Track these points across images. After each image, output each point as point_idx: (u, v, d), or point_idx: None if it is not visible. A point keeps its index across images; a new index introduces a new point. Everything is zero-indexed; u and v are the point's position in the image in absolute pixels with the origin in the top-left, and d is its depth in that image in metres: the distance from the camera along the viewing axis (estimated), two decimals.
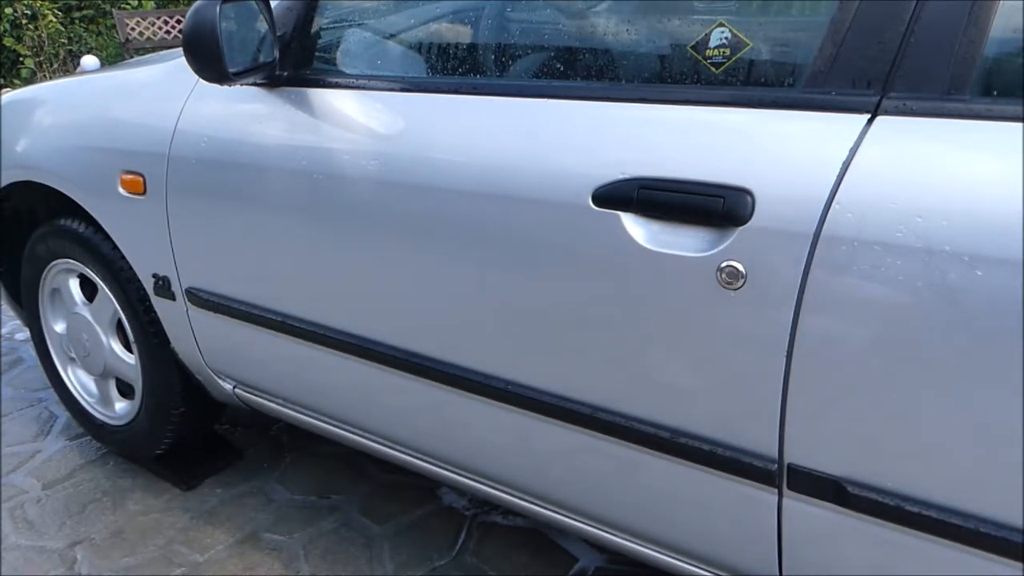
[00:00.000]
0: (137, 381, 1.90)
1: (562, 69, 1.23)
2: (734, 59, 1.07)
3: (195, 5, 1.27)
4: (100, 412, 2.05)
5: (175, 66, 1.60)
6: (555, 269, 1.10)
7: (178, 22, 6.48)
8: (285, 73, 1.41)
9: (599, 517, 1.24)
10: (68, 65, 7.19)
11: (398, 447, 1.48)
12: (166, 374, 1.83)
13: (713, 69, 1.08)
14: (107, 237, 1.75)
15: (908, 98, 0.90)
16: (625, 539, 1.23)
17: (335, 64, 1.47)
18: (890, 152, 0.89)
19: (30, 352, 2.66)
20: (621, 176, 1.03)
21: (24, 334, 2.84)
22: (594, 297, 1.08)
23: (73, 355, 2.05)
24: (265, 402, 1.68)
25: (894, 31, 0.91)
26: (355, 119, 1.29)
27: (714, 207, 0.96)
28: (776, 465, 1.00)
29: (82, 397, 2.08)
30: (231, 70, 1.29)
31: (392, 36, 1.61)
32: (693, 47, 1.11)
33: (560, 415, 1.17)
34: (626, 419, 1.11)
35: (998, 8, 0.88)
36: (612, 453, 1.16)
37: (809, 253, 0.91)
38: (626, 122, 1.06)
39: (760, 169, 0.94)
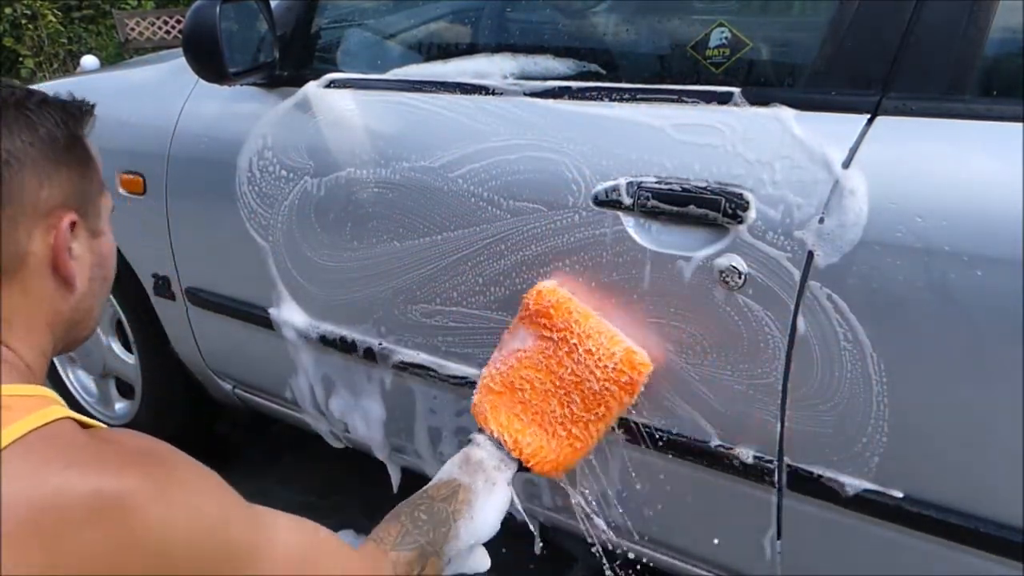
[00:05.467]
0: (137, 381, 1.90)
1: (561, 69, 1.23)
2: (734, 59, 1.07)
3: (195, 5, 1.27)
4: (100, 412, 2.05)
5: (175, 66, 1.60)
6: (556, 268, 1.10)
7: (178, 22, 6.48)
8: (285, 73, 1.41)
9: (599, 517, 1.24)
10: (68, 65, 7.19)
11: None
12: (166, 374, 1.83)
13: (713, 69, 1.08)
14: None
15: (908, 98, 0.90)
16: (624, 539, 1.23)
17: (335, 64, 1.47)
18: (890, 152, 0.89)
19: None
20: (621, 176, 1.03)
21: None
22: (594, 296, 1.08)
23: (73, 355, 2.05)
24: (265, 402, 1.68)
25: (894, 31, 0.91)
26: (356, 119, 1.29)
27: (714, 207, 0.96)
28: (776, 465, 1.00)
29: (82, 397, 2.08)
30: (231, 70, 1.29)
31: (392, 36, 1.61)
32: (693, 47, 1.11)
33: None
34: (623, 418, 1.11)
35: (998, 8, 0.88)
36: (609, 453, 1.16)
37: (809, 253, 0.91)
38: (625, 122, 1.06)
39: (760, 169, 0.94)
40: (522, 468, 1.08)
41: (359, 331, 1.37)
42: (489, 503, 1.04)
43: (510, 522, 1.42)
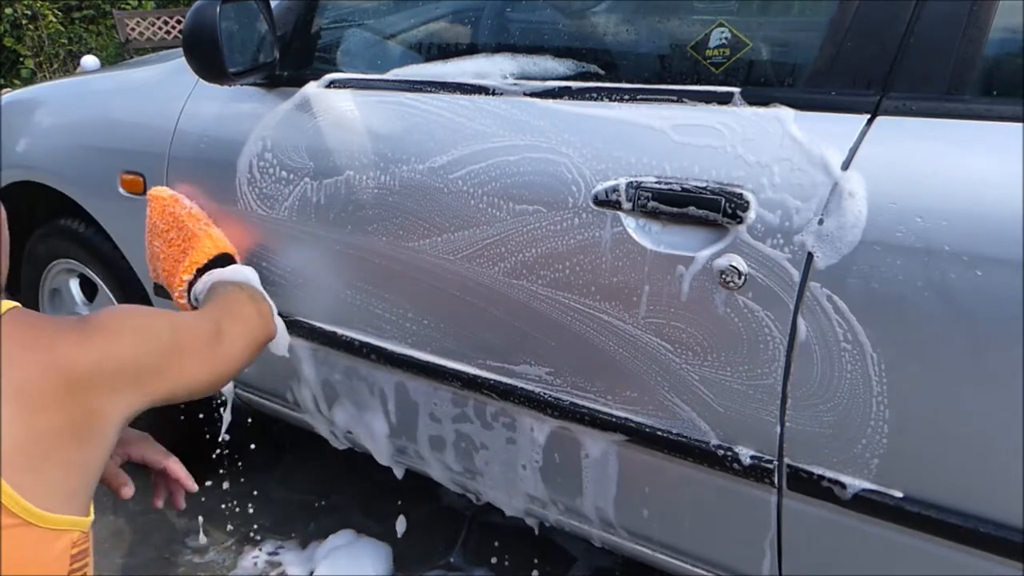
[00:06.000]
0: None
1: (560, 70, 1.23)
2: (734, 59, 1.07)
3: (195, 5, 1.27)
4: None
5: (175, 66, 1.60)
6: (557, 269, 1.10)
7: (178, 22, 6.48)
8: (285, 73, 1.41)
9: (599, 518, 1.24)
10: (68, 65, 7.18)
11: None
12: None
13: (713, 69, 1.08)
14: (107, 237, 1.75)
15: (908, 98, 0.90)
16: (624, 539, 1.23)
17: (335, 64, 1.47)
18: (890, 152, 0.89)
19: None
20: (620, 177, 1.03)
21: None
22: (594, 296, 1.08)
23: None
24: (265, 402, 1.68)
25: (894, 31, 0.91)
26: (355, 119, 1.29)
27: (714, 207, 0.96)
28: (776, 465, 1.00)
29: None
30: (231, 70, 1.29)
31: (392, 36, 1.61)
32: (693, 47, 1.11)
33: (561, 414, 1.18)
34: (624, 418, 1.11)
35: (998, 8, 0.88)
36: (610, 453, 1.16)
37: (808, 254, 0.91)
38: (625, 123, 1.06)
39: (760, 171, 0.94)
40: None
41: (360, 332, 1.37)
42: (232, 272, 1.38)
43: (509, 521, 1.42)
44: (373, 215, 1.27)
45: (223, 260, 1.41)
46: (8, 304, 0.81)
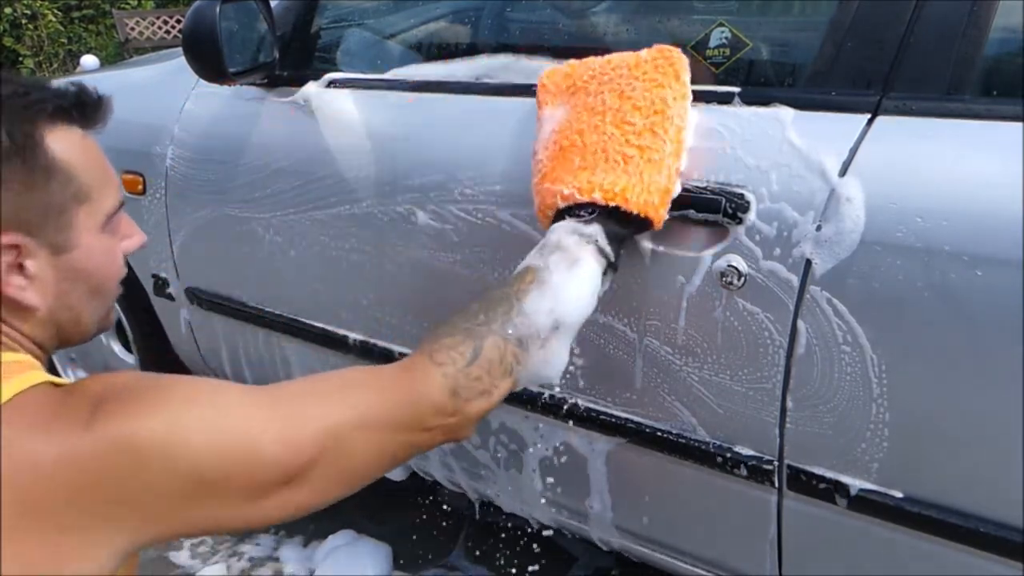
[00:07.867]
0: None
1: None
2: (734, 59, 1.07)
3: (195, 5, 1.27)
4: None
5: (175, 66, 1.60)
6: None
7: (178, 22, 6.48)
8: (285, 73, 1.41)
9: (600, 519, 1.24)
10: (68, 65, 7.19)
11: None
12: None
13: (713, 69, 1.08)
14: None
15: (908, 98, 0.90)
16: (625, 539, 1.23)
17: (335, 64, 1.47)
18: (890, 152, 0.89)
19: None
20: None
21: None
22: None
23: (73, 355, 2.04)
24: None
25: (894, 31, 0.91)
26: (355, 119, 1.29)
27: (714, 208, 0.96)
28: (776, 466, 1.00)
29: None
30: (231, 70, 1.29)
31: (392, 36, 1.61)
32: (693, 47, 1.11)
33: (561, 416, 1.18)
34: (624, 419, 1.11)
35: (998, 8, 0.87)
36: (610, 455, 1.16)
37: (809, 253, 0.90)
38: None
39: (760, 169, 0.94)
40: (613, 219, 0.91)
41: (359, 333, 1.37)
42: (570, 277, 0.87)
43: (509, 521, 1.42)
44: (374, 215, 1.27)
45: (635, 224, 0.93)
46: (30, 380, 0.68)
